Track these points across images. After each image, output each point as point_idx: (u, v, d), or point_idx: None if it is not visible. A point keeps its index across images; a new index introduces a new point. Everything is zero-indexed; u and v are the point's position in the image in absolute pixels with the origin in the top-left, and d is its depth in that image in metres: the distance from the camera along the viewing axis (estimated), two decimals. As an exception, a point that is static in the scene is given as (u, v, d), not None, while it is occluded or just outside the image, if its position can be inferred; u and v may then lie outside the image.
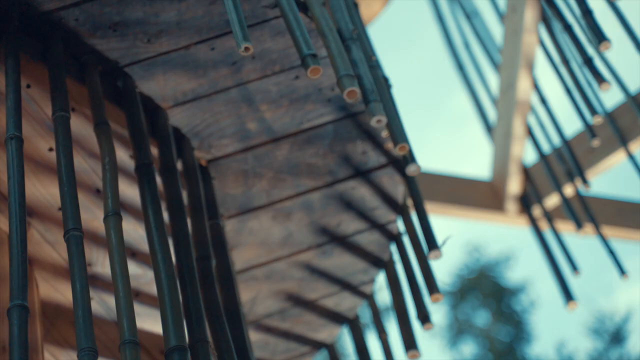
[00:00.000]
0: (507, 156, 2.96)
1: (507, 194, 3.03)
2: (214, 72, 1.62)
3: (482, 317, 10.44)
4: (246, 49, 1.34)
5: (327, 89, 1.69)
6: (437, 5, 3.72)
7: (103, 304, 1.83)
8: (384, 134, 1.78)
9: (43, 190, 1.63)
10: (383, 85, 1.65)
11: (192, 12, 1.52)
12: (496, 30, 3.50)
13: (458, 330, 10.37)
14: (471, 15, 3.39)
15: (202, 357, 1.28)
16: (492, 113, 3.26)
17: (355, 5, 1.81)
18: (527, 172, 2.98)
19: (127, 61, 1.56)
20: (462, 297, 10.46)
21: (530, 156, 3.16)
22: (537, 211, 2.96)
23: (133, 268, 1.79)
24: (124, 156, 1.62)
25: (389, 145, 1.80)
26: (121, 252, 1.27)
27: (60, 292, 1.79)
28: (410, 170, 1.54)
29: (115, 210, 1.32)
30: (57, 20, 1.48)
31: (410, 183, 1.84)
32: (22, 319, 1.10)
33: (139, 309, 1.85)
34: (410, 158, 1.56)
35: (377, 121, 1.43)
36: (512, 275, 10.83)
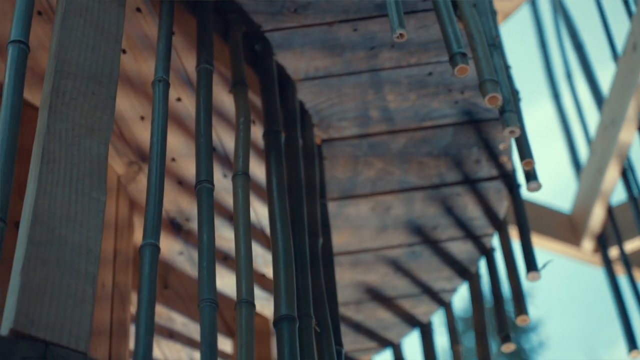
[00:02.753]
0: (594, 193, 2.92)
1: (586, 230, 2.99)
2: (351, 53, 1.61)
3: (487, 349, 10.35)
4: (400, 35, 1.34)
5: (457, 91, 1.68)
6: (541, 30, 3.68)
7: (191, 260, 1.84)
8: (502, 146, 1.77)
9: (162, 139, 1.64)
10: (515, 97, 1.63)
11: (345, -10, 1.52)
12: (599, 65, 3.46)
13: (461, 358, 10.28)
14: (580, 47, 3.35)
15: (305, 331, 1.27)
16: (582, 145, 3.23)
17: (494, 13, 1.80)
18: (611, 212, 2.93)
19: (269, 27, 1.56)
20: (471, 325, 10.38)
21: (616, 196, 3.11)
22: (614, 252, 2.92)
23: (227, 231, 1.80)
24: (246, 120, 1.62)
25: (504, 158, 1.79)
26: (246, 212, 1.27)
27: (154, 242, 1.80)
28: (531, 186, 1.52)
29: (244, 170, 1.32)
30: (212, -26, 1.49)
31: (517, 201, 1.82)
32: (154, 258, 1.10)
33: (224, 271, 1.86)
34: (532, 175, 1.54)
35: (511, 132, 1.42)
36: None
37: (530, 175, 1.54)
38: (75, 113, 1.17)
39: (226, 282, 1.87)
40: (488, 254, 1.94)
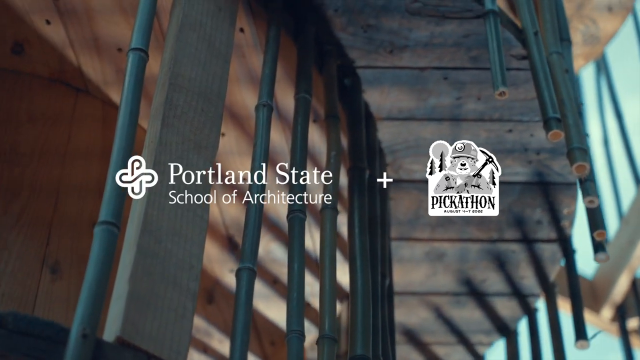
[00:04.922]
0: (621, 263, 2.93)
1: (608, 298, 2.99)
2: (436, 100, 1.62)
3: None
4: (502, 92, 1.35)
5: (533, 152, 1.69)
6: (581, 92, 3.69)
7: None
8: (566, 211, 1.78)
9: (237, 158, 1.65)
10: (591, 166, 1.64)
11: (443, 39, 1.53)
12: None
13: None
14: (620, 116, 3.36)
15: (373, 373, 1.28)
16: (611, 215, 3.24)
17: (573, 79, 1.81)
18: (635, 283, 2.94)
19: (362, 63, 1.57)
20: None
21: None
22: (632, 324, 2.93)
23: (281, 253, 1.80)
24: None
25: (565, 223, 1.80)
26: (332, 246, 1.27)
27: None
28: (599, 258, 1.53)
29: (334, 205, 1.33)
30: (317, 4, 1.50)
31: (571, 266, 1.83)
32: (250, 282, 1.11)
33: (271, 295, 1.86)
34: (601, 246, 1.55)
35: (589, 202, 1.43)
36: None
37: (600, 246, 1.55)
38: (185, 127, 1.18)
39: (271, 305, 1.87)
40: (531, 314, 1.94)
